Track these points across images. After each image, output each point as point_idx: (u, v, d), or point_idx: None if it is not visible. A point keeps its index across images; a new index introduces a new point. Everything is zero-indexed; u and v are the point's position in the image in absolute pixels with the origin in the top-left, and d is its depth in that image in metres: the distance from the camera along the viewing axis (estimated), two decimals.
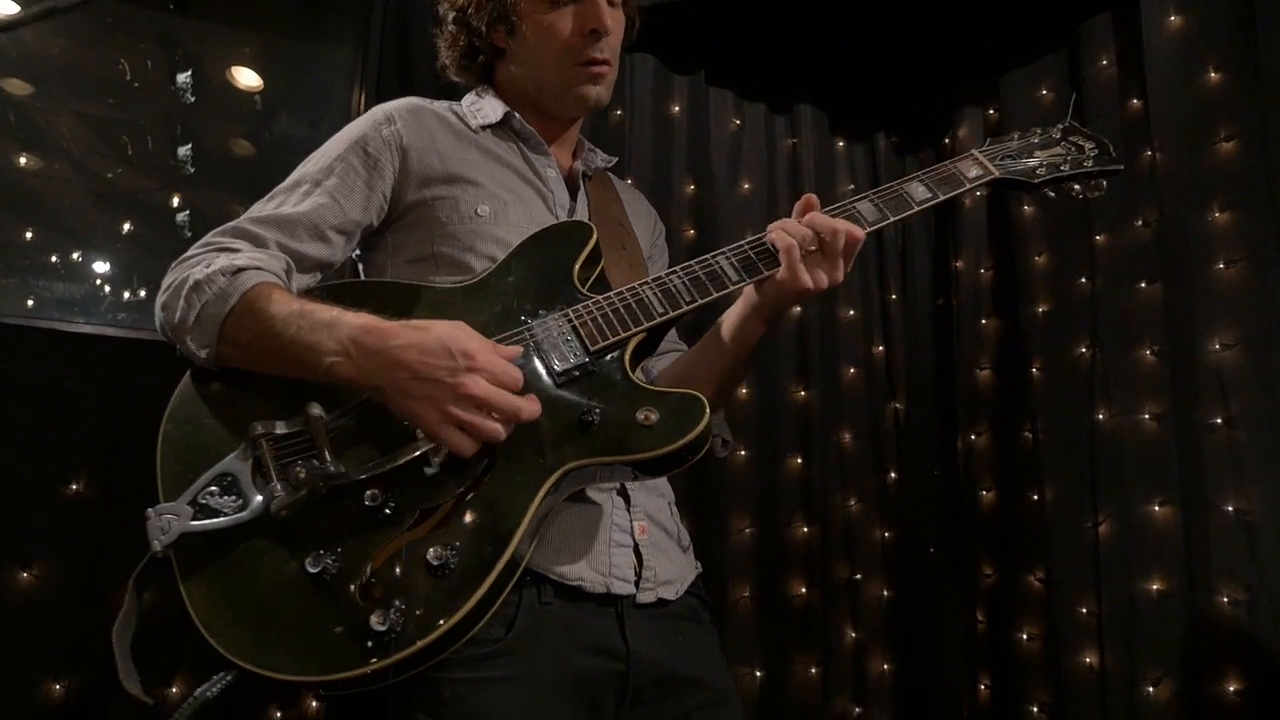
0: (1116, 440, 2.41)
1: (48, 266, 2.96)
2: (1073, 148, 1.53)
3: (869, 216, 1.38)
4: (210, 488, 1.17)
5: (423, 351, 1.13)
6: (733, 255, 1.35)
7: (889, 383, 3.05)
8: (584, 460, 1.18)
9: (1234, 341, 2.20)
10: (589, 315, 1.29)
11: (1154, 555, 2.28)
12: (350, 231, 1.41)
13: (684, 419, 1.19)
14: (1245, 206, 2.23)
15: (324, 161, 1.42)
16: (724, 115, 3.01)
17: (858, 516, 2.91)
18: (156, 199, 3.14)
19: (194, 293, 1.22)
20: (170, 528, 1.14)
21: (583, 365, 1.25)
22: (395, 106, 1.50)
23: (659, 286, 1.32)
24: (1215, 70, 2.32)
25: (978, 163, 1.48)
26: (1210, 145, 2.30)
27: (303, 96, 3.36)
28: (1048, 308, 2.67)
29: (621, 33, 1.57)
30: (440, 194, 1.43)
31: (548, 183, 1.53)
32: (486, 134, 1.54)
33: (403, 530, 1.12)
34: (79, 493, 2.20)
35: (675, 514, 1.51)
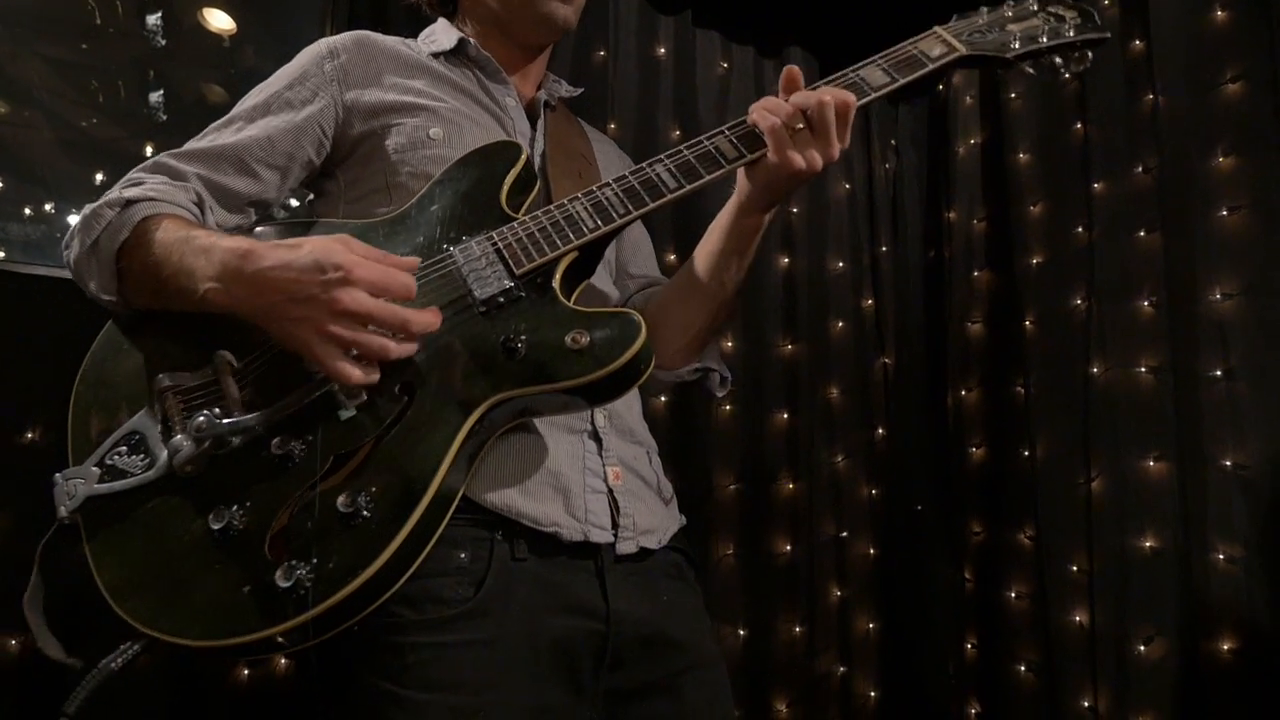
0: (1111, 394, 2.34)
1: (18, 217, 2.86)
2: (1051, 18, 1.37)
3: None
4: (119, 448, 1.09)
5: (293, 269, 1.03)
6: (691, 151, 1.24)
7: (878, 337, 2.98)
8: (511, 391, 1.08)
9: (1236, 291, 2.12)
10: (514, 237, 1.19)
11: (1148, 512, 2.22)
12: (282, 167, 1.32)
13: (617, 340, 1.09)
14: (1251, 151, 2.14)
15: (260, 98, 1.35)
16: (711, 58, 2.89)
17: (845, 473, 2.85)
18: (129, 148, 3.03)
19: (85, 230, 1.16)
20: (76, 492, 1.07)
21: (507, 291, 1.14)
22: (339, 39, 1.42)
23: (589, 200, 1.21)
24: (1222, 8, 2.22)
25: (942, 40, 1.33)
26: (1216, 87, 2.21)
27: (274, 37, 3.24)
28: (1042, 259, 2.59)
29: None
30: (389, 122, 1.34)
31: (507, 110, 1.45)
32: (440, 60, 1.46)
33: (317, 477, 1.04)
34: (34, 441, 2.11)
35: (655, 463, 1.43)
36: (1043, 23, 1.35)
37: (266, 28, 3.23)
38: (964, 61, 1.32)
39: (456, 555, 1.12)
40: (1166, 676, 2.11)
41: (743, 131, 1.25)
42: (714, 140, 1.25)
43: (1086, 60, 1.36)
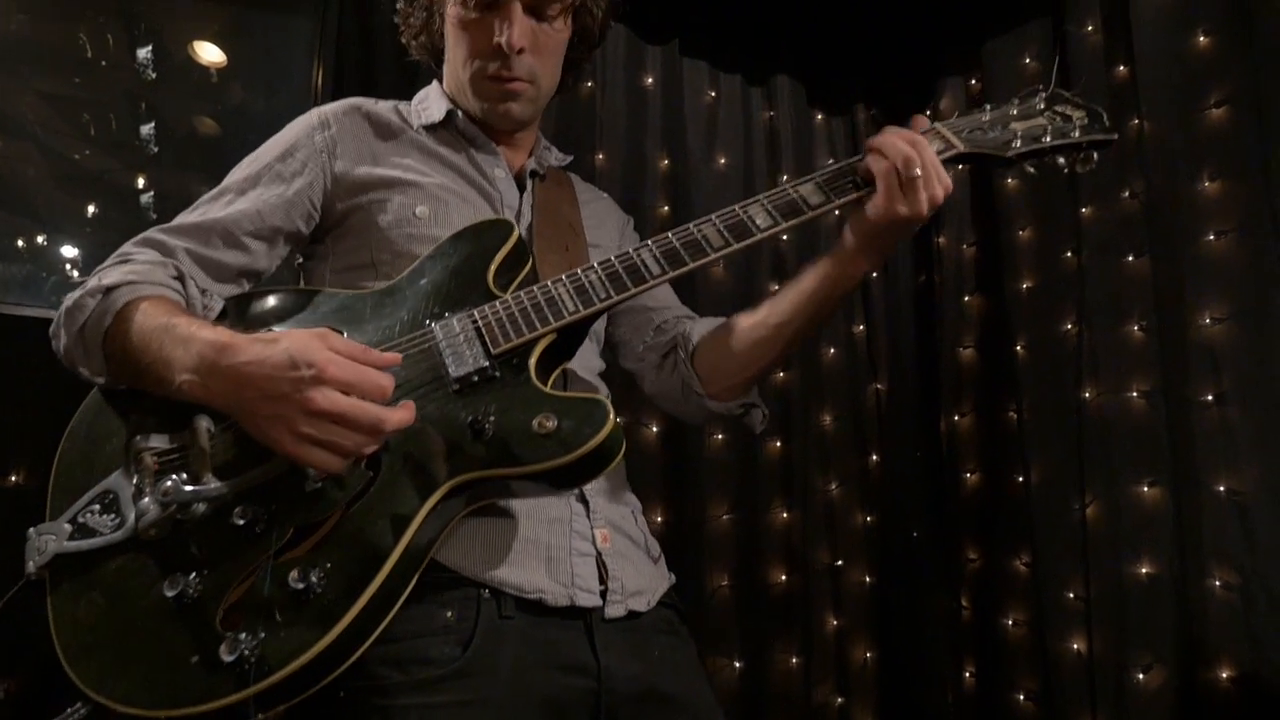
0: (1104, 419, 2.33)
1: (11, 250, 2.86)
2: (1057, 117, 1.34)
3: (813, 201, 1.26)
4: (92, 506, 1.08)
5: (267, 366, 1.01)
6: (678, 238, 1.23)
7: (870, 363, 2.97)
8: (475, 473, 1.06)
9: (1225, 315, 2.12)
10: (494, 316, 1.18)
11: (1144, 538, 2.21)
12: (270, 239, 1.33)
13: (584, 426, 1.06)
14: (1236, 175, 2.14)
15: (251, 169, 1.36)
16: (699, 87, 2.90)
17: (839, 500, 2.83)
18: (121, 179, 3.04)
19: (70, 320, 1.16)
20: (46, 548, 1.05)
21: (482, 370, 1.13)
22: (331, 110, 1.43)
23: (572, 282, 1.20)
24: (1205, 34, 2.23)
25: (941, 137, 1.30)
26: (1200, 112, 2.22)
27: (264, 70, 3.26)
28: (1033, 283, 2.59)
29: (557, 46, 1.44)
30: (376, 198, 1.34)
31: (495, 183, 1.44)
32: (430, 133, 1.45)
33: (271, 550, 1.01)
34: (18, 484, 2.10)
35: (641, 522, 1.41)
36: (1048, 122, 1.33)
37: (256, 61, 3.25)
38: (962, 158, 1.30)
39: (442, 614, 1.10)
40: (1165, 705, 2.09)
41: (731, 221, 1.24)
42: (701, 229, 1.24)
43: (1092, 160, 1.33)
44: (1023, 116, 1.35)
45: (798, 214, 1.24)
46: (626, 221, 1.71)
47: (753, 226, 1.22)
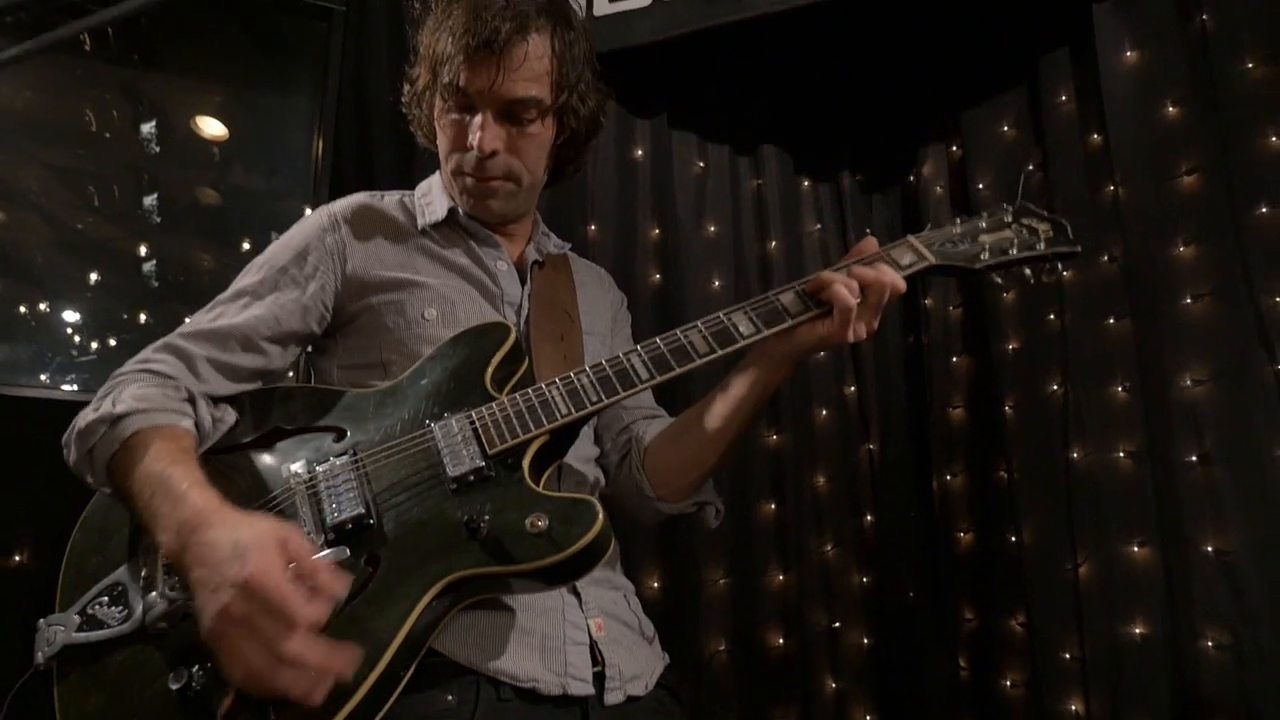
0: (1092, 479, 2.36)
1: (15, 318, 2.91)
2: (1024, 230, 1.42)
3: (793, 310, 1.33)
4: (101, 597, 1.13)
5: (216, 554, 1.02)
6: (665, 344, 1.29)
7: (862, 423, 3.00)
8: (469, 570, 1.11)
9: (1206, 377, 2.16)
10: (490, 417, 1.24)
11: (1136, 598, 2.22)
12: (286, 342, 1.40)
13: (574, 526, 1.11)
14: (1210, 239, 2.20)
15: (265, 272, 1.42)
16: (688, 158, 2.98)
17: (835, 562, 2.85)
18: (123, 248, 3.11)
19: (80, 440, 1.23)
20: (55, 639, 1.10)
21: (478, 469, 1.18)
22: (340, 210, 1.49)
23: (565, 386, 1.27)
24: (1173, 104, 2.31)
25: (913, 249, 1.39)
26: (1172, 179, 2.28)
27: (266, 145, 3.34)
28: (1018, 345, 2.64)
29: (535, 145, 1.49)
30: (386, 299, 1.41)
31: (497, 279, 1.50)
32: (435, 230, 1.51)
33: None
34: (22, 564, 2.12)
35: (634, 604, 1.45)
36: (1014, 234, 1.41)
37: (258, 134, 3.34)
38: (933, 270, 1.38)
39: (443, 698, 1.14)
40: None
41: (716, 328, 1.30)
42: (688, 335, 1.30)
43: (1056, 271, 1.42)
44: (991, 229, 1.42)
45: (779, 322, 1.30)
46: (620, 303, 1.77)
47: (736, 333, 1.29)
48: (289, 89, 3.20)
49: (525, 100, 1.42)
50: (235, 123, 3.28)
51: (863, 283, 1.28)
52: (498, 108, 1.42)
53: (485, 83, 1.38)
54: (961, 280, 1.36)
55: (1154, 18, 2.37)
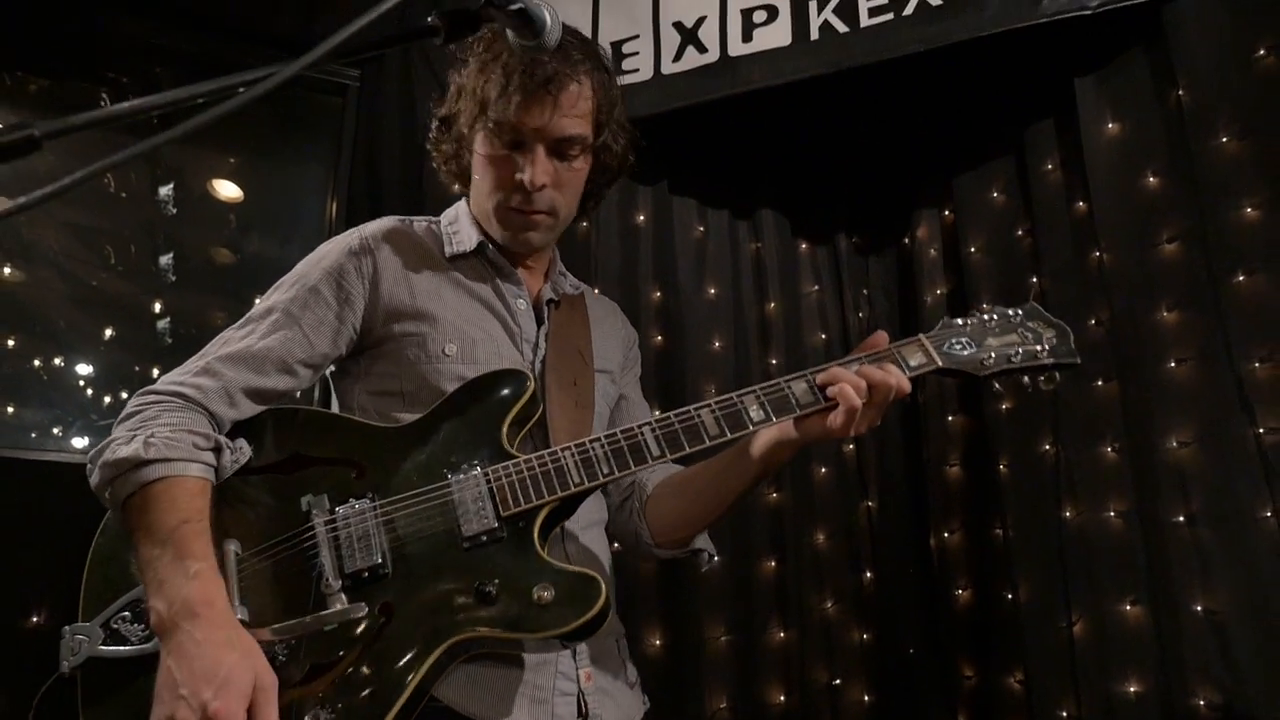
0: (1085, 538, 2.41)
1: (29, 372, 2.99)
2: (1029, 334, 1.46)
3: (803, 400, 1.35)
4: (123, 612, 1.20)
5: (189, 666, 1.08)
6: (679, 421, 1.34)
7: (861, 481, 3.06)
8: (477, 633, 1.18)
9: (1191, 439, 2.22)
10: (506, 479, 1.29)
11: (1129, 656, 2.26)
12: (318, 364, 1.44)
13: (579, 601, 1.19)
14: (1191, 306, 2.28)
15: (296, 291, 1.45)
16: (688, 223, 3.08)
17: (835, 618, 2.88)
18: (139, 303, 3.20)
19: (105, 470, 1.25)
20: (80, 649, 1.18)
21: (491, 531, 1.25)
22: (371, 233, 1.52)
23: (580, 453, 1.32)
24: (1153, 175, 2.40)
25: (923, 349, 1.42)
26: (1154, 246, 2.37)
27: (280, 209, 3.45)
28: (1011, 405, 2.70)
29: (576, 180, 1.55)
30: (409, 330, 1.45)
31: (516, 316, 1.54)
32: (461, 261, 1.56)
33: (290, 684, 1.12)
34: (39, 625, 2.18)
35: (623, 648, 1.51)
36: (1019, 339, 1.45)
37: (272, 198, 3.45)
38: (940, 372, 1.42)
39: None
40: None
41: (728, 410, 1.35)
42: (700, 414, 1.35)
43: (1054, 380, 1.46)
44: (999, 331, 1.46)
45: (787, 411, 1.34)
46: (632, 341, 1.82)
47: (747, 418, 1.34)
48: (303, 157, 3.31)
49: (573, 138, 1.47)
50: (250, 186, 3.39)
51: (870, 383, 1.31)
52: (548, 144, 1.46)
53: (540, 120, 1.43)
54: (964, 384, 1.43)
55: (1133, 92, 2.47)
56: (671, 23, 2.86)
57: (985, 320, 1.47)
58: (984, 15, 2.50)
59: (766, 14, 2.76)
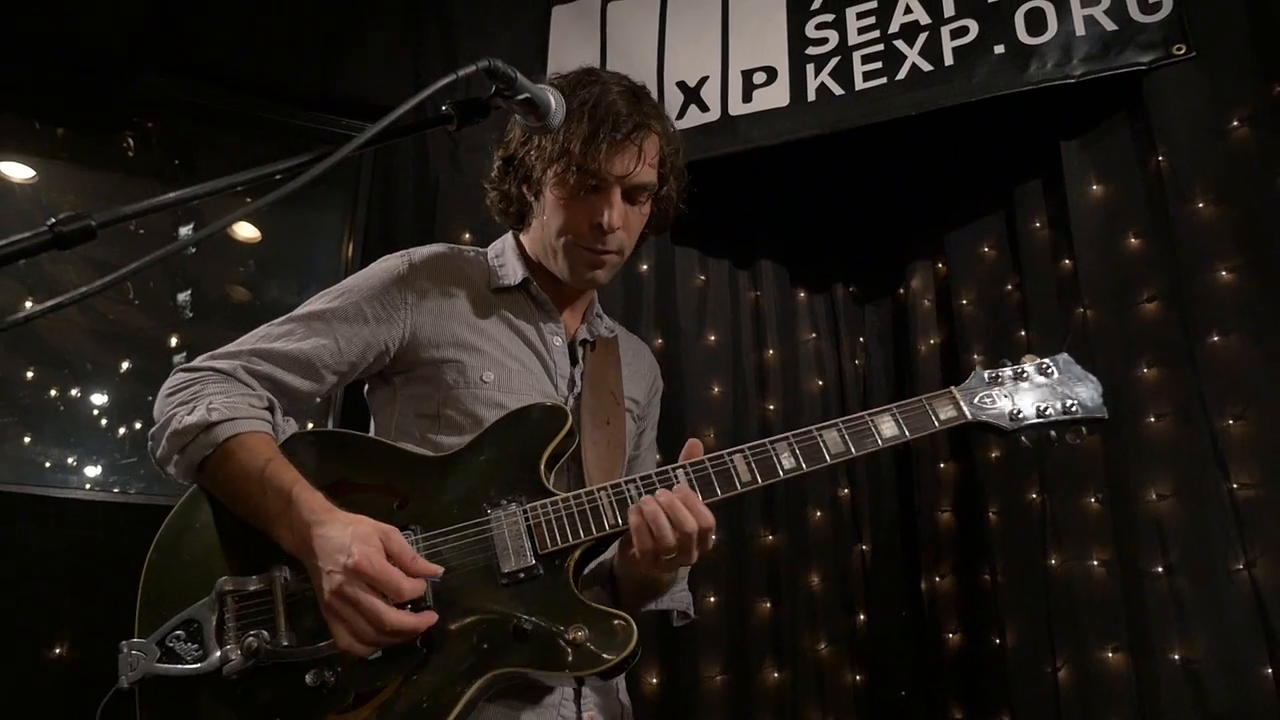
0: (1069, 586, 2.48)
1: (47, 403, 3.09)
2: (1061, 388, 1.47)
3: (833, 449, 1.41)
4: (177, 631, 1.29)
5: (330, 545, 1.25)
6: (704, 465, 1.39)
7: (855, 525, 3.13)
8: (513, 668, 1.26)
9: (1169, 492, 2.30)
10: (544, 517, 1.36)
11: (1110, 702, 2.32)
12: (345, 372, 1.54)
13: (611, 643, 1.26)
14: (1169, 363, 2.37)
15: (340, 302, 1.54)
16: (690, 272, 3.18)
17: (829, 660, 2.95)
18: (157, 337, 3.30)
19: (173, 438, 1.38)
20: (137, 665, 1.26)
21: (529, 568, 1.32)
22: (420, 258, 1.61)
23: (615, 494, 1.37)
24: (1134, 236, 2.50)
25: (954, 403, 1.45)
26: (1134, 305, 2.46)
27: (297, 251, 3.56)
28: (1000, 453, 2.79)
29: (640, 224, 1.65)
30: (449, 357, 1.53)
31: (552, 352, 1.61)
32: (504, 294, 1.63)
33: (335, 711, 1.22)
34: (61, 656, 2.27)
35: (622, 689, 1.58)
36: (1051, 393, 1.47)
37: (289, 240, 3.57)
38: (970, 426, 1.46)
39: None
40: None
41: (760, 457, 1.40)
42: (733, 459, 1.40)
43: (1081, 434, 1.47)
44: (1031, 384, 1.49)
45: (820, 461, 1.41)
46: (658, 386, 1.89)
47: (779, 467, 1.39)
48: (322, 204, 3.43)
49: (646, 185, 1.58)
50: (268, 229, 3.51)
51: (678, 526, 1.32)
52: (625, 190, 1.55)
53: (624, 168, 1.52)
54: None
55: (1116, 156, 2.58)
56: (675, 82, 2.99)
57: (1018, 371, 1.49)
58: (973, 81, 2.63)
59: (766, 75, 2.89)
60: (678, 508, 1.32)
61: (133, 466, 3.03)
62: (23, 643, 2.24)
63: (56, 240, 0.90)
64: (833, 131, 2.77)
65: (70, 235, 0.97)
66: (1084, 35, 2.55)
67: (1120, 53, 2.51)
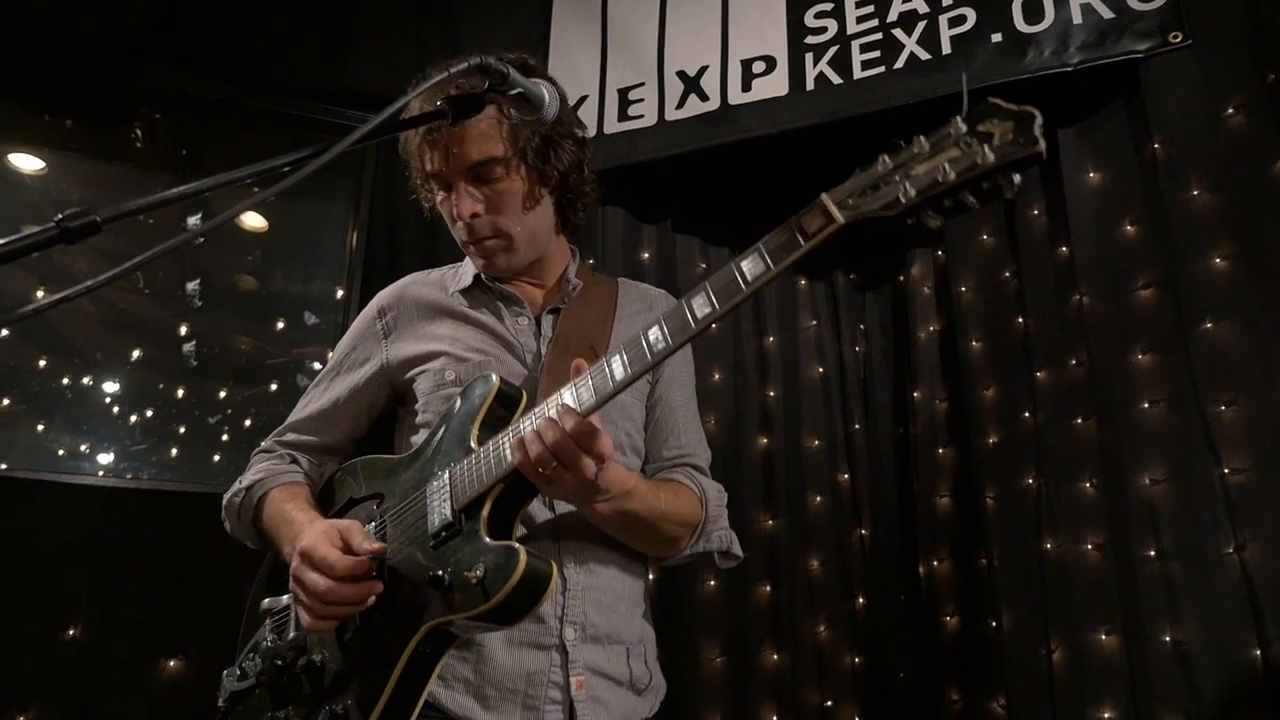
0: (1064, 569, 2.51)
1: (58, 391, 3.15)
2: (973, 141, 1.07)
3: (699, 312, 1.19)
4: (250, 654, 1.49)
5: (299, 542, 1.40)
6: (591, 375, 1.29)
7: (854, 509, 3.16)
8: (436, 620, 1.28)
9: (1162, 477, 2.33)
10: (462, 472, 1.37)
11: (1103, 684, 2.36)
12: (361, 414, 1.73)
13: (499, 574, 1.22)
14: (1163, 350, 2.39)
15: (338, 356, 1.76)
16: (691, 260, 3.22)
17: (827, 643, 2.99)
18: (167, 326, 3.35)
19: (229, 510, 1.67)
20: (226, 688, 1.48)
21: (449, 525, 1.33)
22: (386, 297, 1.76)
23: (514, 435, 1.32)
24: (1130, 223, 2.52)
25: (822, 212, 1.18)
26: (1130, 292, 2.48)
27: (303, 240, 3.61)
28: (997, 439, 2.81)
29: (513, 198, 1.60)
30: (423, 369, 1.64)
31: (518, 333, 1.65)
32: (466, 295, 1.71)
33: (323, 686, 1.35)
34: (75, 638, 2.33)
35: (635, 656, 1.57)
36: (959, 152, 1.08)
37: (296, 229, 3.61)
38: (848, 228, 1.17)
39: None
40: None
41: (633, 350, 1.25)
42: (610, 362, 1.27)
43: (1013, 186, 1.06)
44: (930, 154, 1.12)
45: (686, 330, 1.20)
46: (656, 307, 1.83)
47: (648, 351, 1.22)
48: (327, 193, 3.47)
49: (484, 161, 1.57)
50: (275, 218, 3.56)
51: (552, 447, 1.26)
52: (465, 175, 1.58)
53: (444, 159, 1.57)
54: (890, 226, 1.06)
55: (1113, 144, 2.60)
56: (675, 71, 3.01)
57: (912, 149, 1.13)
58: (970, 70, 2.64)
59: (765, 65, 2.91)
60: (547, 425, 1.25)
61: (143, 453, 3.09)
62: (37, 625, 2.30)
63: (63, 235, 0.94)
64: (831, 120, 2.79)
65: (76, 230, 1.01)
66: (1081, 23, 2.57)
67: (1117, 40, 2.52)
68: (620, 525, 1.48)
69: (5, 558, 2.30)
